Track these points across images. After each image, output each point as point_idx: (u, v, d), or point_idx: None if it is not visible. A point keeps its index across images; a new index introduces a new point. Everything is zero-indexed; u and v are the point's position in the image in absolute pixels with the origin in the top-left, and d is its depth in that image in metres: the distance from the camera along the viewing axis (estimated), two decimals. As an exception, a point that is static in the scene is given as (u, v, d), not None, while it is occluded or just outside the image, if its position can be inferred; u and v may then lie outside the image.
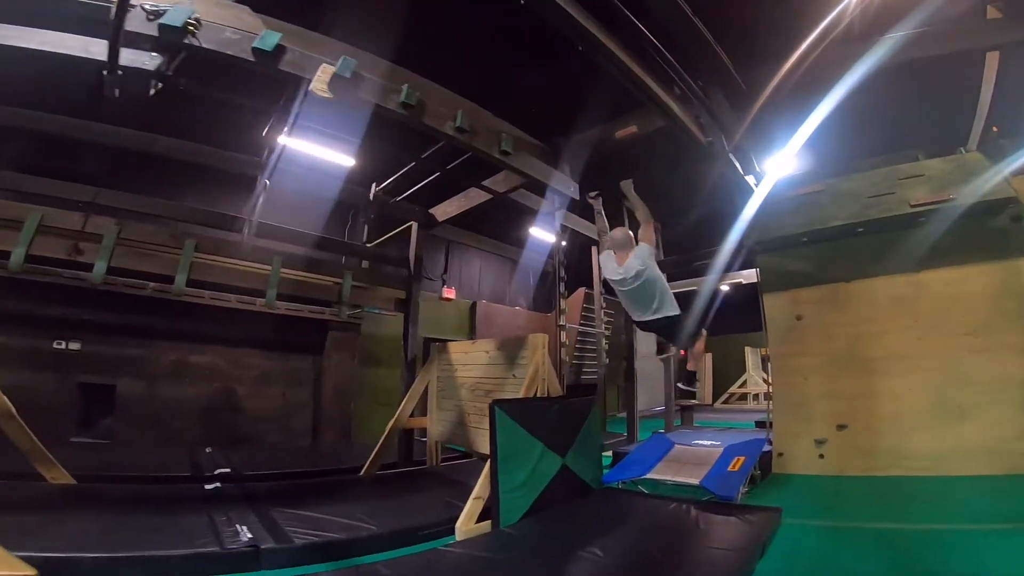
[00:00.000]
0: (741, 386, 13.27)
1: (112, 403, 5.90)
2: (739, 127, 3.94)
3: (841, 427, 4.84)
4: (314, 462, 5.56)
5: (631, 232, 3.95)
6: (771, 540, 2.94)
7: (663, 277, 3.88)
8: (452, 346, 5.61)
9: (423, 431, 5.68)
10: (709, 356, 14.45)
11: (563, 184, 4.49)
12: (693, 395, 5.53)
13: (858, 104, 4.04)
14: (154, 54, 2.88)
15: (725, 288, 11.33)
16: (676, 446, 4.91)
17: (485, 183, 5.06)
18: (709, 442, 4.96)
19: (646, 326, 3.99)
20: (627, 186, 4.09)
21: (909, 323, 4.77)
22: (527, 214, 7.71)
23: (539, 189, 4.76)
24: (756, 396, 12.46)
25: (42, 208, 4.79)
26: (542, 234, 9.84)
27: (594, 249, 9.00)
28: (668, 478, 4.17)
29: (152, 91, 3.11)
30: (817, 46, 3.51)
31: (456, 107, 3.57)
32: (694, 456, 4.58)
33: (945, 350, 4.56)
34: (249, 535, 2.90)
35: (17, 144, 5.84)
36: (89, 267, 4.57)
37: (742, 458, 4.12)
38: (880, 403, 4.74)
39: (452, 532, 3.25)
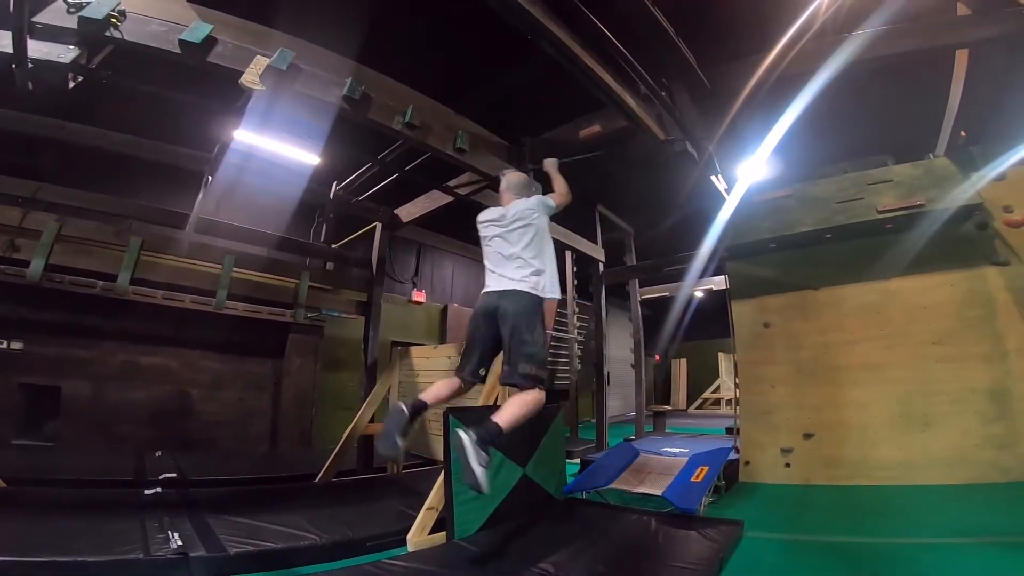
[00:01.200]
0: (715, 391, 13.38)
1: (57, 405, 5.60)
2: (710, 129, 3.85)
3: (808, 436, 4.80)
4: (268, 468, 5.34)
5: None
6: (731, 555, 2.85)
7: (550, 244, 3.12)
8: (414, 350, 5.46)
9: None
10: (683, 362, 14.63)
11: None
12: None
13: (828, 107, 4.02)
14: (71, 47, 2.75)
15: (699, 294, 11.46)
16: (642, 455, 4.82)
17: (450, 183, 4.92)
18: (677, 449, 4.88)
19: (487, 310, 2.97)
20: (551, 164, 3.54)
21: (877, 332, 4.75)
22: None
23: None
24: (729, 402, 12.55)
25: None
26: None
27: (568, 254, 8.95)
28: (631, 488, 4.07)
29: (71, 84, 3.02)
30: (792, 47, 3.46)
31: (408, 102, 3.44)
32: (659, 465, 4.49)
33: (912, 359, 4.55)
34: (179, 543, 2.73)
35: None
36: (27, 264, 4.32)
37: (705, 468, 4.04)
38: (847, 412, 4.71)
39: (404, 543, 3.10)
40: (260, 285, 5.47)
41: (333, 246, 6.48)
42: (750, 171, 4.90)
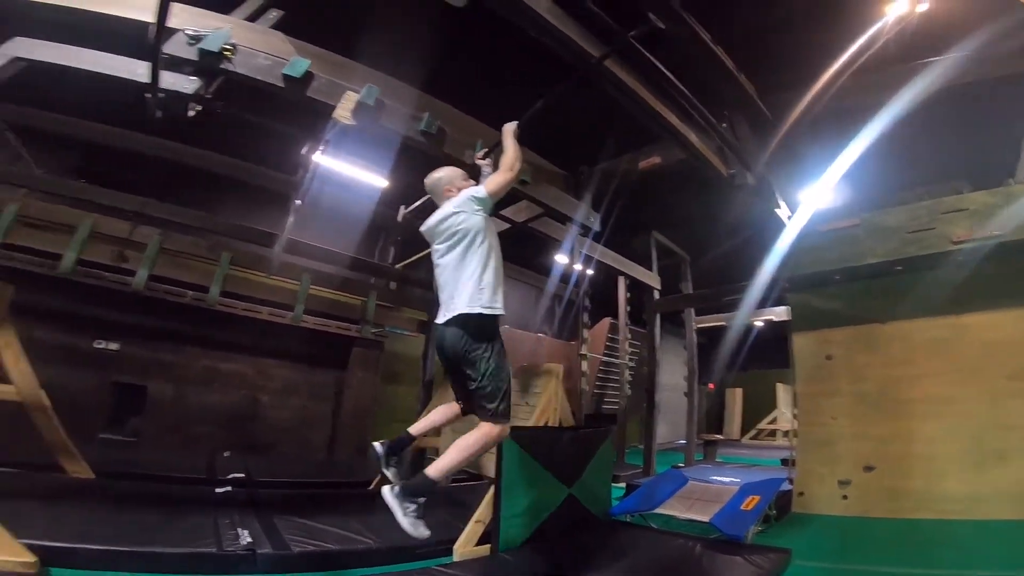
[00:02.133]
0: (771, 422, 12.79)
1: (143, 403, 6.16)
2: (771, 160, 3.83)
3: (868, 468, 4.59)
4: (326, 474, 5.64)
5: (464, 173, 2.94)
6: (776, 583, 2.80)
7: (493, 245, 2.62)
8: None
9: (435, 450, 5.68)
10: (739, 392, 14.07)
11: (584, 215, 4.48)
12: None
13: (897, 133, 3.92)
14: (193, 78, 3.05)
15: (759, 324, 11.09)
16: (691, 482, 4.75)
17: (505, 212, 5.12)
18: (728, 479, 4.78)
19: (438, 346, 2.64)
20: (508, 130, 2.94)
21: (947, 367, 4.50)
22: (552, 242, 7.78)
23: (560, 218, 4.75)
24: (786, 433, 11.96)
25: (93, 215, 5.18)
26: (567, 262, 9.85)
27: (620, 279, 8.96)
28: (677, 514, 4.04)
29: (191, 113, 3.29)
30: (845, 71, 3.44)
31: (477, 136, 3.65)
32: (708, 493, 4.42)
33: (984, 394, 4.29)
34: (249, 539, 2.96)
35: (71, 152, 6.34)
36: (133, 273, 4.87)
37: (756, 497, 3.96)
38: (912, 446, 4.47)
39: (450, 553, 3.23)
40: (330, 301, 5.89)
41: (397, 266, 6.84)
42: (813, 199, 4.80)
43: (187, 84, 3.00)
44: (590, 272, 8.95)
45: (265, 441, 6.65)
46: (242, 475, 4.74)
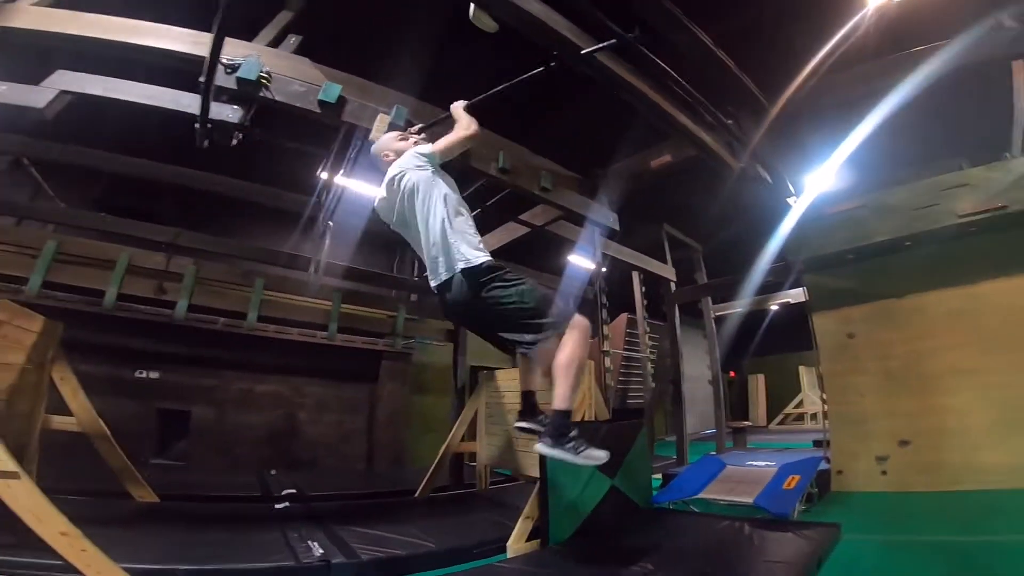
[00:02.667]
0: (797, 406, 12.78)
1: (187, 428, 6.38)
2: (778, 150, 3.96)
3: (904, 443, 4.68)
4: (371, 484, 5.81)
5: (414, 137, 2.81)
6: (828, 554, 2.90)
7: (452, 192, 2.49)
8: (499, 374, 5.74)
9: (472, 455, 5.84)
10: (761, 377, 14.08)
11: (601, 215, 4.59)
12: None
13: (892, 117, 4.04)
14: (236, 107, 3.06)
15: (775, 307, 11.13)
16: (728, 467, 4.86)
17: (523, 216, 5.27)
18: (763, 462, 4.87)
19: (449, 303, 2.47)
20: (457, 105, 2.83)
21: (969, 337, 4.59)
22: (565, 243, 7.92)
23: (578, 219, 4.89)
24: (814, 416, 11.95)
25: (130, 249, 5.40)
26: (581, 261, 9.97)
27: (635, 274, 9.08)
28: (720, 497, 4.15)
29: (234, 141, 3.26)
30: (825, 62, 3.56)
31: (498, 148, 3.77)
32: (747, 476, 4.52)
33: (1010, 362, 4.36)
34: (320, 551, 3.10)
35: (101, 186, 6.58)
36: (171, 304, 5.09)
37: (797, 476, 4.06)
38: (944, 418, 4.56)
39: (503, 550, 3.37)
40: (355, 317, 6.06)
41: (417, 278, 7.03)
42: (818, 184, 4.94)
43: (231, 113, 3.04)
44: (603, 269, 9.09)
45: (305, 457, 6.85)
46: (294, 491, 4.92)
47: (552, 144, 4.84)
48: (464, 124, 2.70)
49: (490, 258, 2.42)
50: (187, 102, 3.09)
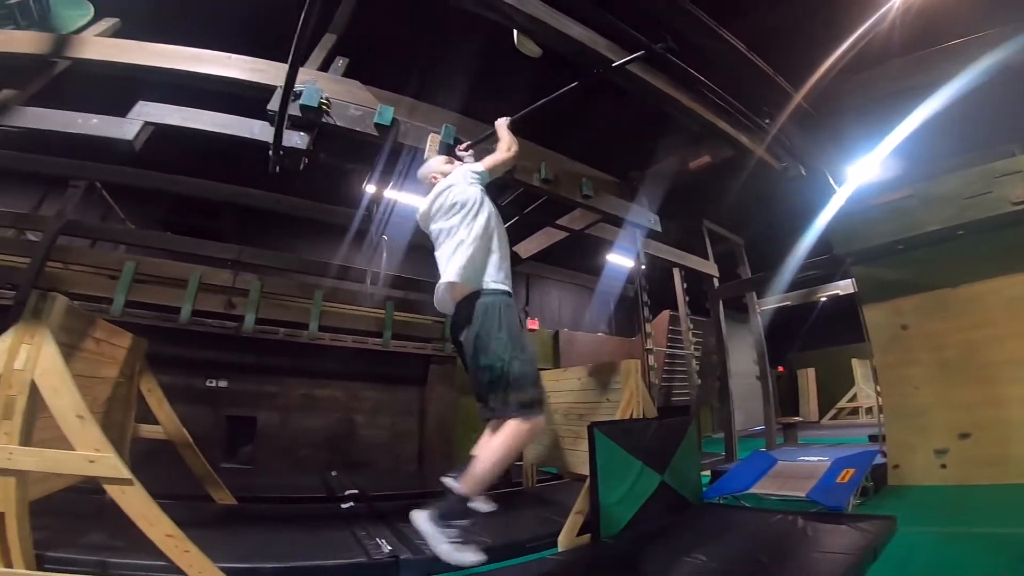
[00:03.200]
0: (851, 400, 12.35)
1: (253, 432, 6.80)
2: (801, 140, 3.92)
3: (964, 436, 4.56)
4: (425, 484, 6.02)
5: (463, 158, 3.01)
6: (884, 546, 2.91)
7: (493, 217, 2.46)
8: (544, 374, 5.86)
9: (521, 454, 5.98)
10: (811, 371, 13.67)
11: (642, 217, 4.63)
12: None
13: (942, 105, 3.96)
14: (302, 133, 3.19)
15: (823, 300, 10.82)
16: (779, 462, 4.85)
17: (560, 221, 5.38)
18: (815, 457, 4.83)
19: (455, 327, 2.46)
20: (501, 122, 3.00)
21: (1031, 325, 4.45)
22: (603, 243, 7.98)
23: (617, 221, 4.92)
24: (869, 410, 11.53)
25: (201, 267, 5.83)
26: (619, 260, 10.01)
27: (675, 271, 9.03)
28: (772, 492, 4.16)
29: (302, 166, 3.37)
30: (846, 55, 3.52)
31: (540, 159, 3.88)
32: (799, 470, 4.51)
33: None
34: (388, 547, 3.28)
35: (165, 206, 7.07)
36: (239, 317, 5.49)
37: (851, 470, 4.03)
38: (1007, 410, 4.43)
39: (554, 545, 3.47)
40: (406, 323, 6.34)
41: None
42: (860, 176, 4.86)
43: (299, 140, 3.17)
44: (643, 267, 9.09)
45: (362, 459, 7.18)
46: (356, 491, 5.16)
47: (589, 148, 4.95)
48: (506, 145, 2.81)
49: (508, 291, 2.37)
50: (257, 130, 3.24)
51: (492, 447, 2.18)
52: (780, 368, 14.39)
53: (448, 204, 2.49)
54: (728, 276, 8.34)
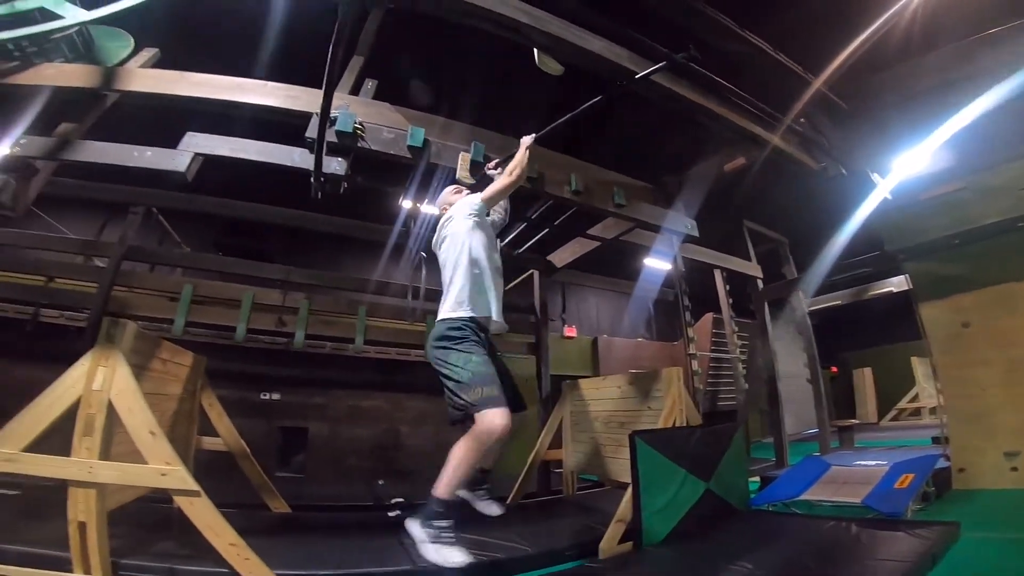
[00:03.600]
0: (912, 400, 11.68)
1: (304, 443, 7.11)
2: (841, 138, 3.79)
3: (1037, 438, 4.27)
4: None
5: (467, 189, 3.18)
6: (944, 552, 2.78)
7: (472, 249, 2.76)
8: (583, 383, 5.89)
9: (559, 462, 5.99)
10: (868, 372, 13.01)
11: (678, 223, 4.55)
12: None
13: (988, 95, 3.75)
14: (340, 159, 3.25)
15: (876, 296, 10.31)
16: (833, 467, 4.67)
17: (593, 230, 5.35)
18: (873, 461, 4.63)
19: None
20: (523, 140, 3.16)
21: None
22: (640, 248, 7.91)
23: (652, 227, 4.86)
24: (933, 410, 10.87)
25: (253, 288, 6.15)
26: (658, 263, 9.87)
27: (717, 272, 8.84)
28: (825, 498, 4.03)
29: (342, 190, 3.44)
30: (868, 44, 3.37)
31: (569, 171, 3.85)
32: (854, 476, 4.33)
33: None
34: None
35: (217, 229, 7.49)
36: (289, 334, 5.77)
37: (911, 475, 3.85)
38: (1085, 411, 4.12)
39: (595, 553, 3.48)
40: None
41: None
42: (906, 170, 4.64)
43: (338, 166, 3.24)
44: (682, 270, 8.93)
45: (407, 468, 7.38)
46: (401, 500, 5.30)
47: (621, 155, 4.95)
48: (510, 168, 2.97)
49: (459, 318, 2.66)
50: (297, 157, 3.33)
51: (457, 451, 2.44)
52: (834, 368, 13.78)
53: (443, 237, 2.83)
54: (773, 276, 8.09)
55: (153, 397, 3.25)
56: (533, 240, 6.38)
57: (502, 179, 2.95)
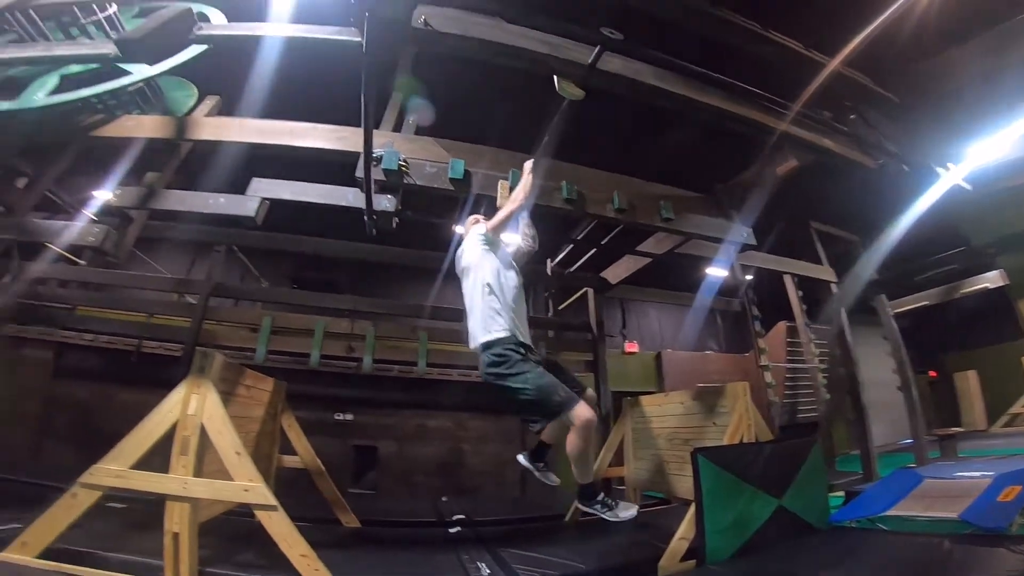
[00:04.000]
0: (1028, 404, 10.33)
1: (375, 461, 7.45)
2: (900, 132, 3.53)
3: None
4: (527, 510, 6.16)
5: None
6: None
7: (490, 274, 2.83)
8: (645, 399, 5.77)
9: (621, 479, 5.87)
10: (972, 374, 11.69)
11: (733, 232, 4.40)
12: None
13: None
14: (390, 196, 3.46)
15: (969, 293, 9.34)
16: (926, 480, 4.27)
17: (643, 246, 5.30)
18: (976, 473, 4.18)
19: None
20: (526, 165, 3.24)
21: None
22: (700, 259, 7.68)
23: (705, 238, 4.67)
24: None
25: (324, 318, 6.62)
26: (720, 273, 9.50)
27: (787, 278, 8.41)
28: (916, 513, 3.69)
29: (394, 225, 3.72)
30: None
31: (611, 188, 3.83)
32: (951, 489, 3.93)
33: None
34: (487, 571, 3.43)
35: (289, 263, 8.09)
36: (358, 359, 6.16)
37: (1018, 487, 3.46)
38: None
39: (655, 571, 3.42)
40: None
41: (552, 315, 7.46)
42: (978, 160, 4.23)
43: (388, 203, 3.45)
44: (749, 278, 8.56)
45: (470, 484, 7.54)
46: (463, 516, 5.40)
47: (667, 167, 4.87)
48: (513, 195, 3.09)
49: (495, 340, 2.76)
50: (351, 197, 3.59)
51: (571, 453, 2.70)
52: (932, 373, 12.55)
53: (461, 267, 2.97)
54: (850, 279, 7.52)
55: (239, 420, 3.59)
56: (584, 258, 6.40)
57: (506, 207, 3.03)
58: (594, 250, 5.63)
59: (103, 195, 4.10)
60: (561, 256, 6.51)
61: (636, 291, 10.71)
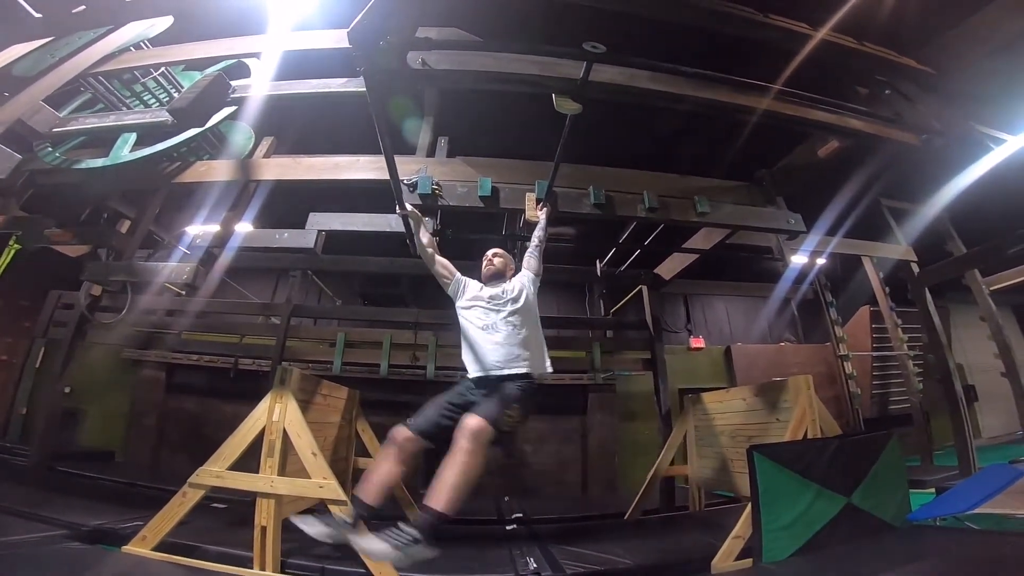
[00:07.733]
0: None
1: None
2: (944, 103, 3.25)
3: None
4: (585, 508, 6.26)
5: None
6: None
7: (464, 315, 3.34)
8: (706, 396, 5.70)
9: (685, 478, 5.81)
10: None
11: (778, 219, 4.25)
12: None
13: None
14: (427, 219, 3.59)
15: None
16: (1025, 475, 3.93)
17: (690, 242, 5.25)
18: (1094, 468, 3.81)
19: (478, 383, 3.25)
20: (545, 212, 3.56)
21: None
22: (761, 248, 7.38)
23: (760, 229, 4.56)
24: None
25: (390, 330, 7.12)
26: (790, 261, 9.02)
27: (866, 260, 7.87)
28: (1011, 511, 3.42)
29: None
30: None
31: (641, 187, 3.82)
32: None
33: None
34: (534, 566, 3.55)
35: (358, 281, 8.70)
36: (422, 367, 6.57)
37: None
38: None
39: (707, 569, 3.40)
40: (559, 358, 6.76)
41: (606, 316, 7.50)
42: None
43: (427, 226, 3.51)
44: (821, 262, 8.08)
45: (532, 484, 7.70)
46: (520, 515, 5.60)
47: (702, 158, 4.77)
48: (539, 239, 3.43)
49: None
50: (394, 222, 3.90)
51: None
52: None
53: (521, 303, 3.28)
54: (936, 256, 6.90)
55: (317, 425, 4.04)
56: (633, 257, 6.39)
57: (537, 253, 3.42)
58: (638, 251, 5.60)
59: (193, 230, 4.73)
60: (609, 256, 6.53)
61: (699, 285, 10.42)
